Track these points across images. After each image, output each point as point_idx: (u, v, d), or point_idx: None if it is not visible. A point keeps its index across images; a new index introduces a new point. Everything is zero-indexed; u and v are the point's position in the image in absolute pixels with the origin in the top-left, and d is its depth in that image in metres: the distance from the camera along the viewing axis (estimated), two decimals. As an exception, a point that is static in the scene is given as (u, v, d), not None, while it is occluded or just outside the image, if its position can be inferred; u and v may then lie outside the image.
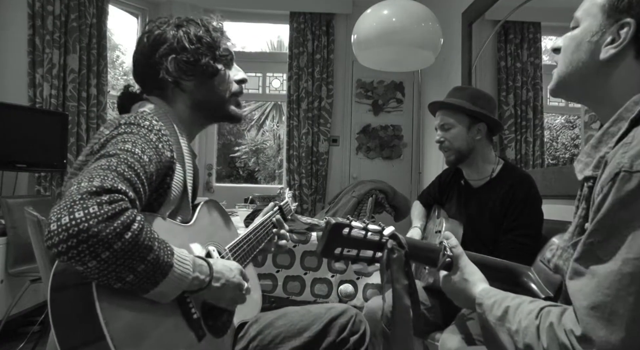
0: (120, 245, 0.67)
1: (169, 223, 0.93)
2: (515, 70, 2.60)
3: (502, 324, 0.72)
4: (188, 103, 1.05)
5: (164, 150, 0.89)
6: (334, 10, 3.90)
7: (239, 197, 3.29)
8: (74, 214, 0.65)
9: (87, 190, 0.68)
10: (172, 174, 0.93)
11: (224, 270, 0.90)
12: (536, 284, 0.89)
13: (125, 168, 0.76)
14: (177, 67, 1.00)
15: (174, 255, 0.77)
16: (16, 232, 2.41)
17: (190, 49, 1.01)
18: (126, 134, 0.85)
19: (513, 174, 1.56)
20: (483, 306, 0.78)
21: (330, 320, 1.13)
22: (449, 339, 1.34)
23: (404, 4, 2.51)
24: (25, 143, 2.79)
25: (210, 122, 1.14)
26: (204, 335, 0.90)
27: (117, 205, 0.69)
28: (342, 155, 4.04)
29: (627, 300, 0.56)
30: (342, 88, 4.03)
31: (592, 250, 0.62)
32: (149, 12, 3.86)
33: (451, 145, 1.62)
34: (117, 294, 0.72)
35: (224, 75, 1.07)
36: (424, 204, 1.92)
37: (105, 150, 0.80)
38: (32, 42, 3.03)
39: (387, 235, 0.84)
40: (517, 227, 1.47)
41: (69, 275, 0.72)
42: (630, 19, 0.68)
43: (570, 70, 0.76)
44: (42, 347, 2.29)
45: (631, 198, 0.58)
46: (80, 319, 0.71)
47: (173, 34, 1.02)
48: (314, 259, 2.07)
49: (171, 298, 0.79)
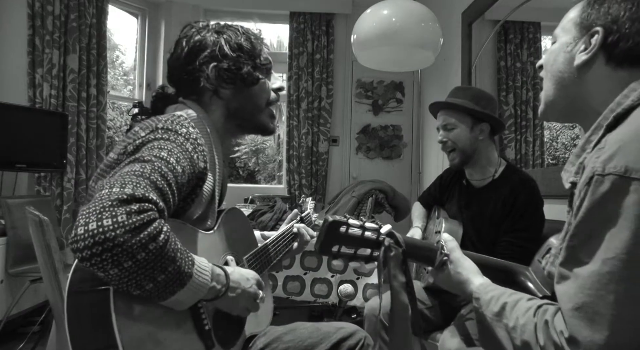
0: (144, 256, 0.68)
1: (192, 230, 0.92)
2: (515, 70, 2.60)
3: (499, 320, 0.72)
4: (224, 110, 1.03)
5: (198, 161, 0.88)
6: (334, 10, 3.90)
7: (239, 197, 3.29)
8: (102, 221, 0.65)
9: (118, 197, 0.68)
10: (202, 185, 0.92)
11: (241, 280, 0.90)
12: (533, 283, 0.90)
13: (158, 177, 0.76)
14: (218, 75, 0.99)
15: (195, 265, 0.77)
16: (16, 232, 2.41)
17: (231, 56, 0.99)
18: (163, 141, 0.84)
19: (516, 176, 1.56)
20: (480, 301, 0.78)
21: (339, 341, 1.12)
22: (448, 339, 1.34)
23: (404, 4, 2.51)
24: (25, 143, 2.79)
25: (242, 132, 1.10)
26: (213, 346, 0.90)
27: (146, 215, 0.69)
28: (342, 155, 4.04)
29: (607, 299, 0.58)
30: (342, 88, 4.03)
31: (574, 253, 0.64)
32: (149, 12, 3.86)
33: (454, 146, 1.61)
34: (132, 301, 0.73)
35: (264, 84, 1.06)
36: (425, 204, 1.92)
37: (140, 154, 0.80)
38: (31, 42, 3.03)
39: (384, 233, 0.84)
40: (518, 230, 1.47)
41: (87, 281, 0.73)
42: (599, 27, 0.74)
43: (552, 83, 0.81)
44: (42, 347, 2.29)
45: (605, 200, 0.61)
46: (94, 325, 0.71)
47: (213, 40, 1.00)
48: (314, 259, 2.07)
49: (187, 306, 0.79)
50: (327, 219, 0.82)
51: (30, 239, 1.13)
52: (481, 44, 2.79)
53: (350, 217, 0.84)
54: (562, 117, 0.85)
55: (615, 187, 0.60)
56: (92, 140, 3.26)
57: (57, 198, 3.11)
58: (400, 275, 0.82)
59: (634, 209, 0.59)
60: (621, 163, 0.60)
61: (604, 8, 0.75)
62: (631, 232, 0.58)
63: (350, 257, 0.85)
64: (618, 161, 0.61)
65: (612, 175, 0.60)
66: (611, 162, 0.61)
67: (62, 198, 3.13)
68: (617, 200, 0.60)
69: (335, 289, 2.05)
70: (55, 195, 3.11)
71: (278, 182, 4.85)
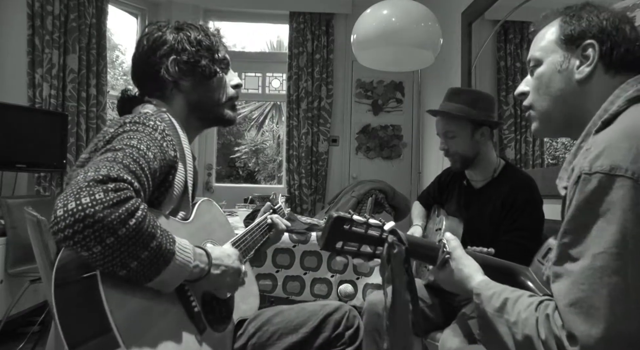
0: (125, 232, 0.69)
1: (170, 220, 0.95)
2: (515, 70, 2.60)
3: (500, 315, 0.73)
4: (185, 103, 1.07)
5: (167, 149, 0.91)
6: (334, 10, 3.90)
7: (238, 197, 3.29)
8: (80, 199, 0.67)
9: (94, 178, 0.70)
10: (175, 173, 0.95)
11: (222, 257, 0.92)
12: (533, 282, 0.90)
13: (130, 161, 0.78)
14: (177, 67, 1.03)
15: (176, 243, 0.79)
16: (16, 232, 2.41)
17: (190, 50, 1.04)
18: (132, 132, 0.87)
19: (515, 175, 1.56)
20: (481, 296, 0.78)
21: (325, 316, 1.16)
22: (449, 338, 1.34)
23: (404, 4, 2.51)
24: (25, 143, 2.79)
25: (205, 124, 1.15)
26: (205, 329, 0.92)
27: (122, 193, 0.71)
28: (341, 155, 4.04)
29: (601, 292, 0.60)
30: (341, 88, 4.03)
31: (566, 251, 0.66)
32: (149, 12, 3.86)
33: (456, 152, 1.61)
34: (121, 284, 0.74)
35: (221, 79, 1.11)
36: (424, 204, 1.92)
37: (110, 145, 0.83)
38: (31, 42, 3.03)
39: (387, 230, 0.84)
40: (517, 229, 1.47)
41: (72, 270, 0.73)
42: (591, 40, 0.77)
43: (552, 103, 0.83)
44: (41, 347, 2.29)
45: (592, 197, 0.63)
46: (86, 310, 0.72)
47: (174, 36, 1.05)
48: (314, 259, 2.07)
49: (172, 287, 0.81)
50: (332, 215, 0.82)
51: (29, 239, 1.13)
52: (481, 44, 2.79)
53: (354, 213, 0.84)
54: (560, 131, 0.88)
55: (601, 185, 0.63)
56: (92, 140, 3.26)
57: (56, 198, 3.10)
58: (402, 273, 0.82)
59: (620, 204, 0.61)
60: (607, 162, 0.63)
61: (584, 22, 0.78)
62: (619, 226, 0.61)
63: (354, 254, 0.85)
64: (604, 160, 0.63)
65: (598, 173, 0.63)
66: (597, 161, 0.64)
67: (61, 198, 3.13)
68: (604, 197, 0.62)
69: (335, 289, 2.05)
70: (55, 195, 3.10)
71: (278, 182, 4.85)
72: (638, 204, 0.61)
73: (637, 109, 0.71)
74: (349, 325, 1.18)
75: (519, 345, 0.68)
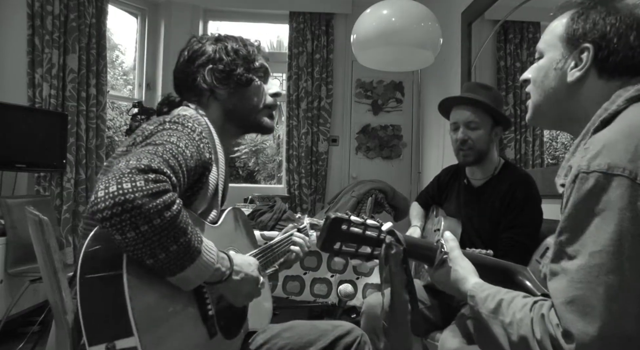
0: (160, 222, 0.72)
1: (199, 220, 0.97)
2: (514, 70, 2.60)
3: (495, 317, 0.73)
4: (221, 111, 1.10)
5: (204, 150, 0.93)
6: (334, 10, 3.90)
7: (238, 197, 3.29)
8: (122, 184, 0.70)
9: (136, 166, 0.73)
10: (208, 175, 0.97)
11: (243, 265, 0.93)
12: (532, 282, 0.90)
13: (170, 156, 0.80)
14: (213, 76, 1.06)
15: (203, 243, 0.81)
16: (16, 232, 2.41)
17: (226, 60, 1.07)
18: (171, 130, 0.89)
19: (513, 173, 1.57)
20: (476, 299, 0.78)
21: (336, 338, 1.14)
22: (448, 339, 1.34)
23: (404, 3, 2.51)
24: (24, 143, 2.79)
25: (241, 131, 1.17)
26: (215, 334, 0.93)
27: (161, 184, 0.74)
28: (341, 155, 4.04)
29: (597, 290, 0.60)
30: (341, 88, 4.03)
31: (562, 249, 0.66)
32: (149, 12, 3.86)
33: (473, 145, 1.56)
34: (143, 279, 0.76)
35: (258, 87, 1.12)
36: (423, 204, 1.92)
37: (151, 140, 0.86)
38: (31, 42, 3.03)
39: (385, 231, 0.84)
40: (516, 226, 1.48)
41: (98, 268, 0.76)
42: (588, 44, 0.77)
43: (544, 98, 0.84)
44: (41, 347, 2.29)
45: (590, 195, 0.64)
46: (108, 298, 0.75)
47: (212, 47, 1.08)
48: (314, 259, 2.07)
49: (193, 286, 0.82)
50: (329, 216, 0.82)
51: (29, 238, 1.13)
52: (481, 44, 2.79)
53: (352, 214, 0.85)
54: (551, 124, 0.89)
55: (599, 184, 0.63)
56: (91, 140, 3.26)
57: (56, 198, 3.11)
58: (401, 274, 0.82)
59: (617, 203, 0.62)
60: (605, 161, 0.63)
61: (589, 24, 0.78)
62: (616, 225, 0.61)
63: (352, 255, 0.85)
64: (602, 159, 0.64)
65: (596, 172, 0.63)
66: (595, 160, 0.64)
67: (61, 198, 3.13)
68: (601, 196, 0.63)
69: (334, 289, 2.05)
70: (55, 195, 3.11)
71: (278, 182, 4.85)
72: (635, 203, 0.61)
73: (636, 108, 0.71)
74: None
75: (514, 346, 0.68)
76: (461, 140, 1.57)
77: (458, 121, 1.60)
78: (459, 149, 1.60)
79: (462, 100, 1.60)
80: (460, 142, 1.58)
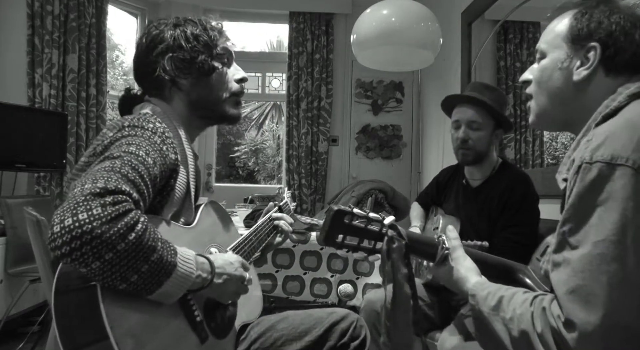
0: (124, 247, 0.67)
1: (172, 225, 0.93)
2: (514, 70, 2.60)
3: (496, 314, 0.73)
4: (185, 102, 1.04)
5: (168, 152, 0.89)
6: (334, 10, 3.90)
7: (238, 197, 3.29)
8: (77, 215, 0.65)
9: (91, 192, 0.68)
10: (176, 177, 0.93)
11: (225, 265, 0.90)
12: (532, 280, 0.90)
13: (129, 170, 0.76)
14: (174, 66, 0.99)
15: (177, 254, 0.77)
16: (16, 232, 2.41)
17: (186, 47, 1.00)
18: (130, 137, 0.85)
19: (510, 173, 1.57)
20: (476, 297, 0.78)
21: (332, 324, 1.13)
22: (448, 338, 1.34)
23: (404, 3, 2.51)
24: (24, 143, 2.79)
25: (207, 122, 1.11)
26: (207, 338, 0.91)
27: (120, 206, 0.69)
28: (341, 155, 4.04)
29: (600, 280, 0.60)
30: (341, 88, 4.03)
31: (565, 239, 0.66)
32: (149, 12, 3.85)
33: (473, 146, 1.56)
34: (121, 297, 0.72)
35: (222, 74, 1.06)
36: (422, 205, 1.92)
37: (109, 153, 0.80)
38: (31, 42, 3.03)
39: (387, 225, 0.84)
40: (513, 225, 1.48)
41: (73, 279, 0.72)
42: (595, 43, 0.77)
43: (549, 98, 0.83)
44: (41, 347, 2.29)
45: (593, 185, 0.64)
46: (85, 323, 0.71)
47: (170, 33, 1.01)
48: (314, 258, 2.07)
49: (175, 298, 0.79)
50: (333, 208, 0.82)
51: (29, 239, 1.13)
52: (481, 44, 2.79)
53: (355, 207, 0.84)
54: (556, 126, 0.88)
55: (602, 174, 0.63)
56: (91, 140, 3.26)
57: (56, 198, 3.11)
58: (403, 268, 0.82)
59: (621, 192, 0.62)
60: (608, 151, 0.64)
61: (593, 23, 0.77)
62: (619, 214, 0.61)
63: (354, 248, 0.85)
64: (605, 150, 0.64)
65: (599, 162, 0.64)
66: (598, 151, 0.64)
67: (61, 198, 3.13)
68: (604, 186, 0.63)
69: (335, 289, 2.05)
70: (55, 195, 3.11)
71: (278, 182, 4.85)
72: (638, 193, 0.61)
73: (638, 104, 0.71)
74: (355, 336, 1.15)
75: (515, 341, 0.68)
76: (462, 140, 1.57)
77: (460, 120, 1.59)
78: (458, 148, 1.60)
79: (467, 99, 1.60)
80: (461, 141, 1.58)
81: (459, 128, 1.59)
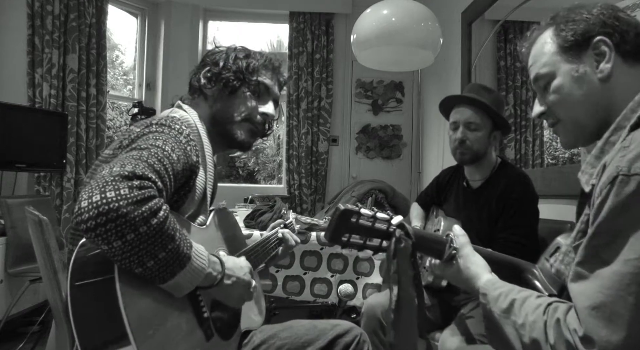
0: (146, 230, 0.70)
1: (187, 223, 0.96)
2: (515, 70, 2.60)
3: (507, 317, 0.72)
4: (207, 113, 1.10)
5: (191, 153, 0.92)
6: (334, 10, 3.90)
7: (238, 197, 3.29)
8: (106, 193, 0.68)
9: (120, 174, 0.71)
10: (196, 178, 0.96)
11: (235, 268, 0.92)
12: (540, 281, 0.89)
13: (155, 161, 0.79)
14: (204, 77, 1.09)
15: (192, 248, 0.80)
16: (16, 232, 2.41)
17: (221, 65, 1.10)
18: (157, 133, 0.88)
19: (509, 173, 1.57)
20: (488, 297, 0.77)
21: (335, 337, 1.14)
22: (448, 338, 1.34)
23: (404, 3, 2.51)
24: (24, 143, 2.79)
25: (223, 142, 1.12)
26: (212, 336, 0.93)
27: (146, 191, 0.72)
28: (341, 155, 4.04)
29: (627, 300, 0.57)
30: (341, 88, 4.03)
31: (595, 252, 0.63)
32: (149, 12, 3.85)
33: (471, 146, 1.57)
34: (137, 282, 0.75)
35: (245, 98, 1.10)
36: (422, 205, 1.92)
37: (136, 144, 0.84)
38: (31, 42, 3.03)
39: (395, 224, 0.84)
40: (512, 226, 1.48)
41: (88, 272, 0.75)
42: (599, 36, 0.75)
43: (581, 109, 0.78)
44: (41, 347, 2.29)
45: (630, 200, 0.60)
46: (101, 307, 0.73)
47: (219, 53, 1.13)
48: (314, 258, 2.07)
49: (185, 292, 0.81)
50: (339, 208, 0.82)
51: (29, 239, 1.13)
52: (481, 44, 2.79)
53: (362, 206, 0.84)
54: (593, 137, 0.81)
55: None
56: (91, 140, 3.26)
57: (56, 198, 3.11)
58: (409, 268, 0.81)
59: None
60: None
61: (582, 24, 0.77)
62: None
63: (360, 247, 0.85)
64: None
65: (638, 175, 0.59)
66: (637, 162, 0.60)
67: (61, 198, 3.13)
68: None
69: (335, 289, 2.05)
70: (55, 195, 3.11)
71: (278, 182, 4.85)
72: None
73: None
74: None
75: (526, 347, 0.67)
76: (459, 140, 1.58)
77: (458, 121, 1.60)
78: (456, 148, 1.60)
79: (464, 99, 1.60)
80: (459, 141, 1.58)
81: (457, 129, 1.60)
